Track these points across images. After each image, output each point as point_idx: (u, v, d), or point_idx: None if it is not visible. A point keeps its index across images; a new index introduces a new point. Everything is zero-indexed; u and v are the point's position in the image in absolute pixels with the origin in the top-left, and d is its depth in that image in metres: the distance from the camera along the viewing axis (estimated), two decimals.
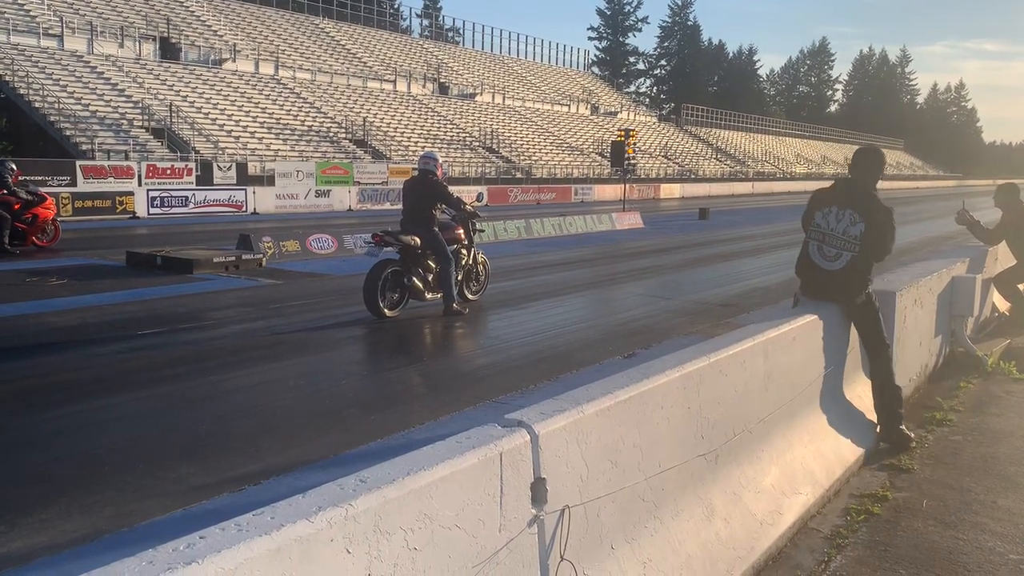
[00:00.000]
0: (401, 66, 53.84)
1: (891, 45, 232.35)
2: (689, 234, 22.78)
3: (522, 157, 48.90)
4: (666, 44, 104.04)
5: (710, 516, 3.23)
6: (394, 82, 51.40)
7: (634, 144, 32.52)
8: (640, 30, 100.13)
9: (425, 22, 74.00)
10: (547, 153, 52.37)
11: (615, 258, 16.55)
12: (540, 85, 67.14)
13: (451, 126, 48.99)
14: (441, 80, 55.80)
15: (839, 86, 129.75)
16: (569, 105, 66.15)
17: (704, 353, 3.62)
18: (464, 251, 9.84)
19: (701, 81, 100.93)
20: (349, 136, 40.45)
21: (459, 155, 44.54)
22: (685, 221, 28.50)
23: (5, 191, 14.72)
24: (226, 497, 4.14)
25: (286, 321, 9.17)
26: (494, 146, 48.57)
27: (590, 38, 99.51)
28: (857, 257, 4.77)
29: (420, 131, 45.83)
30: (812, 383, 4.56)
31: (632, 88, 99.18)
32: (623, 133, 32.10)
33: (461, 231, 9.83)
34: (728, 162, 72.90)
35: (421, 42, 64.04)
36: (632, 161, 32.14)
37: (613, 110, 70.99)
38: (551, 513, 2.51)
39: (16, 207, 14.77)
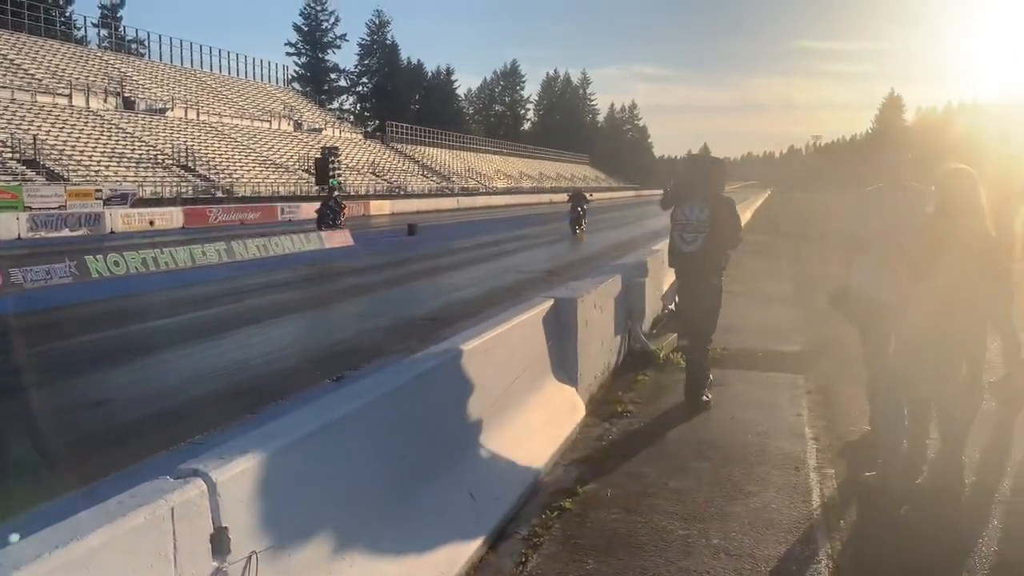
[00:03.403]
0: (77, 79, 48.62)
1: (573, 68, 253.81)
2: (399, 251, 23.02)
3: (222, 175, 46.43)
4: (366, 62, 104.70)
5: (407, 539, 3.24)
6: (70, 96, 46.31)
7: (339, 161, 32.28)
8: (339, 47, 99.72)
9: (103, 32, 67.28)
10: (249, 171, 50.21)
11: (325, 278, 16.28)
12: (238, 100, 64.29)
13: (139, 144, 45.16)
14: (125, 95, 51.25)
15: (531, 106, 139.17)
16: (271, 121, 64.01)
17: (401, 374, 3.65)
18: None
19: (403, 99, 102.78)
20: (17, 156, 35.72)
21: (150, 175, 41.19)
22: (394, 237, 28.79)
23: (337, 196, 29.47)
24: None
25: None
26: (190, 164, 45.59)
27: (288, 53, 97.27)
28: (710, 238, 5.89)
29: (103, 149, 41.71)
30: (506, 391, 4.78)
31: (336, 105, 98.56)
32: (326, 150, 31.73)
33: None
34: (434, 178, 74.96)
35: (100, 53, 58.30)
36: (338, 175, 31.85)
37: (317, 127, 69.91)
38: (236, 563, 2.37)
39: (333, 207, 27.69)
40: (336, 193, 31.94)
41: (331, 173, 30.92)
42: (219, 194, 43.24)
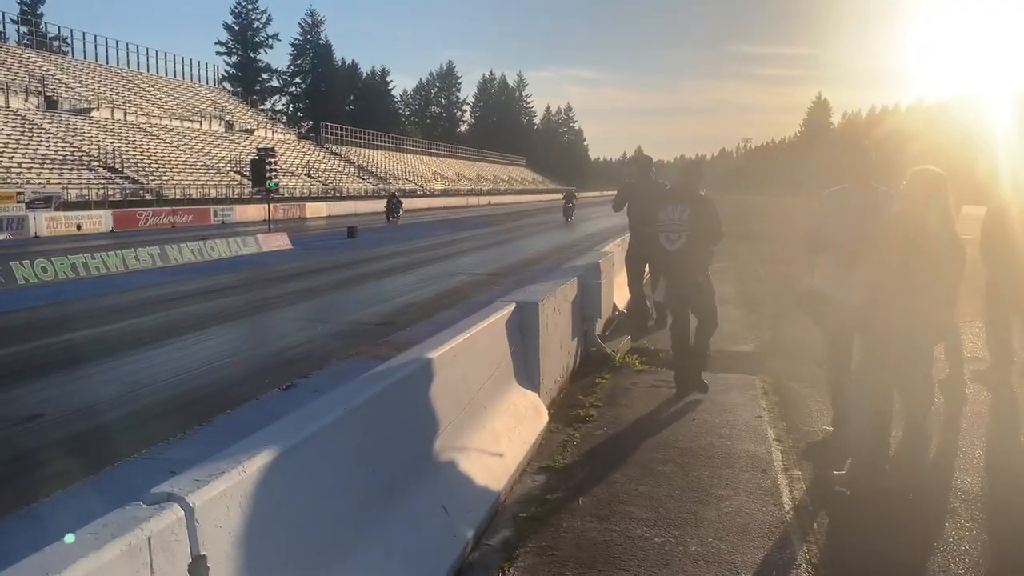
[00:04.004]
0: None
1: (509, 70, 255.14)
2: (339, 253, 22.60)
3: (151, 177, 45.06)
4: (299, 62, 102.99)
5: (388, 555, 3.12)
6: None
7: (275, 163, 31.64)
8: (271, 47, 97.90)
9: (24, 29, 64.44)
10: (180, 172, 48.85)
11: (265, 282, 15.87)
12: (167, 100, 62.51)
13: (63, 144, 43.51)
14: (48, 94, 49.34)
15: (467, 107, 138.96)
16: (201, 122, 62.40)
17: (370, 385, 3.51)
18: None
19: (337, 100, 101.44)
20: None
21: (75, 176, 39.71)
22: (334, 240, 28.32)
23: (397, 193, 41.57)
24: None
25: None
26: (117, 166, 44.12)
27: (219, 53, 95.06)
28: (691, 236, 6.23)
29: (25, 151, 40.01)
30: (473, 398, 4.68)
31: (268, 105, 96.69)
32: (262, 152, 31.05)
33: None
34: (371, 180, 74.10)
35: (20, 51, 55.96)
36: (274, 177, 31.19)
37: (249, 127, 68.42)
38: None
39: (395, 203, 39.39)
40: (395, 191, 45.31)
41: (268, 175, 30.13)
42: (148, 197, 41.97)
